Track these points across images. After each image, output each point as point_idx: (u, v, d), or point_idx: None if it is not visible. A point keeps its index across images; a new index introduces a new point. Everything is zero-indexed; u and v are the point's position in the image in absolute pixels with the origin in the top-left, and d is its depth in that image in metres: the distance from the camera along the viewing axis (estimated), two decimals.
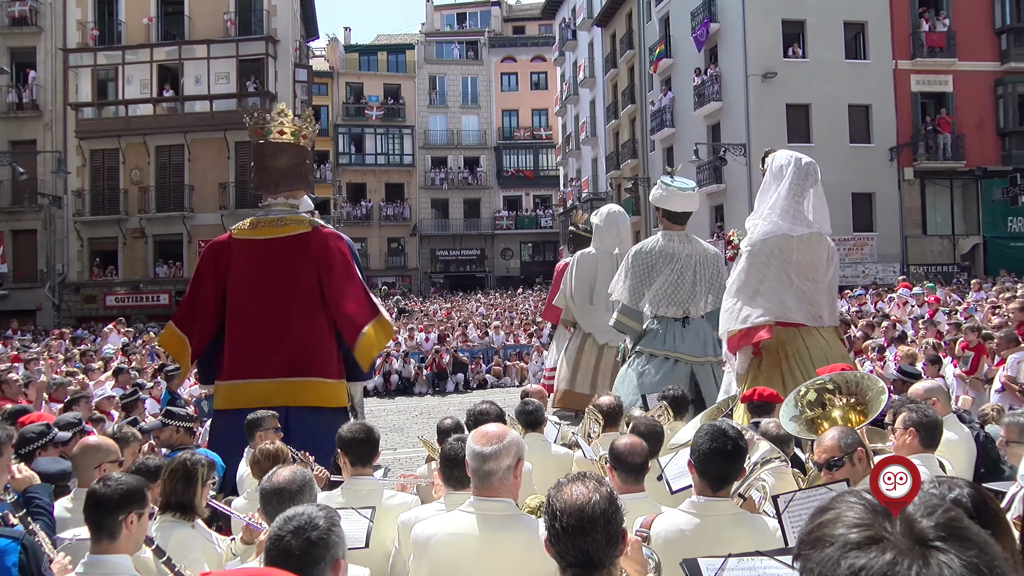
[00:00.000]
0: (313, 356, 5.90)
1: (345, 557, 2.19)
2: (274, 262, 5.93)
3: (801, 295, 5.78)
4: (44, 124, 30.09)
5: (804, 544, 1.11)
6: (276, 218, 6.04)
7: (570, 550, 2.04)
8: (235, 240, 6.05)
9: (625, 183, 35.16)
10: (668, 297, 7.73)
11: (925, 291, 16.90)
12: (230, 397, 5.89)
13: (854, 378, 3.85)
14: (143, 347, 16.48)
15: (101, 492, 2.78)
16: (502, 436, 2.76)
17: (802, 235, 5.76)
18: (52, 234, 30.03)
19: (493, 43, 49.48)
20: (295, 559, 2.05)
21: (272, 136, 6.10)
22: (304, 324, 5.88)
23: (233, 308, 5.97)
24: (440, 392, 17.61)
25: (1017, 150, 25.29)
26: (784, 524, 2.70)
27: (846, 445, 3.11)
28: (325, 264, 5.94)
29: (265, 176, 6.10)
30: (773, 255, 5.77)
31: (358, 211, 45.49)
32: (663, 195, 7.88)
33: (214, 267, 6.03)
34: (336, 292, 5.92)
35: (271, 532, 2.18)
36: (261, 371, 5.82)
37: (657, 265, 7.77)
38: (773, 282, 5.74)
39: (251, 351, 5.87)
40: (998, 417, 5.34)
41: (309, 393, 5.84)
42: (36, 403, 8.43)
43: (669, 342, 7.60)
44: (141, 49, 30.16)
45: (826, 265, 5.88)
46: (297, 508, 2.20)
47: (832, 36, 25.58)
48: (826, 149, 24.74)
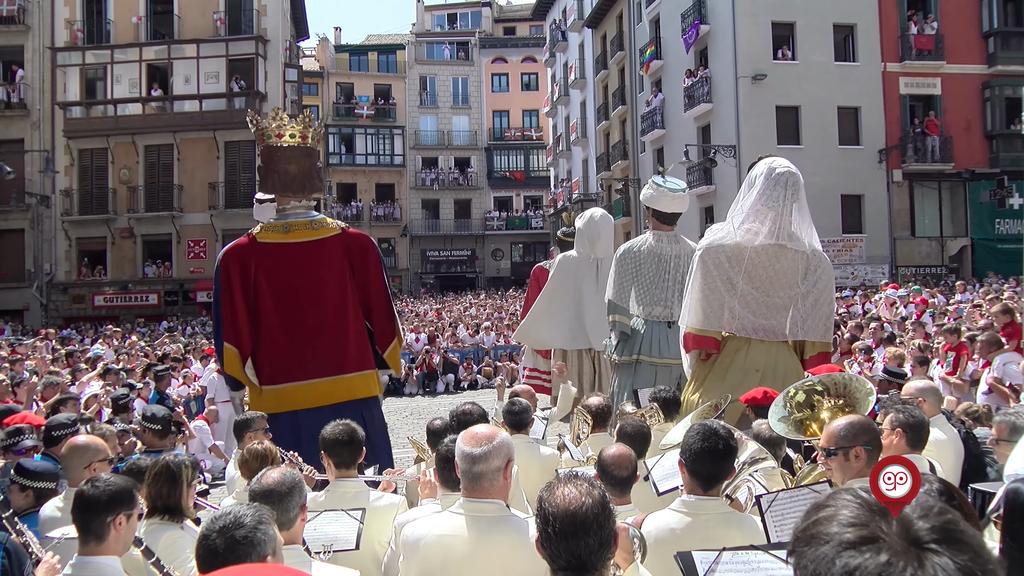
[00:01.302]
0: (356, 351, 6.08)
1: (276, 555, 2.20)
2: (310, 263, 6.00)
3: (746, 304, 5.60)
4: (32, 123, 29.93)
5: (799, 541, 1.11)
6: (307, 221, 6.11)
7: (562, 554, 2.04)
8: (261, 244, 6.03)
9: (616, 184, 35.22)
10: (655, 297, 7.69)
11: (911, 292, 17.00)
12: (281, 400, 5.90)
13: (843, 379, 3.87)
14: (131, 348, 16.40)
15: (89, 493, 2.77)
16: (492, 437, 2.77)
17: (759, 246, 5.55)
18: (40, 233, 29.87)
19: (484, 44, 49.47)
20: (219, 557, 2.07)
21: (295, 140, 6.14)
22: (343, 321, 6.04)
23: (269, 311, 5.98)
24: (430, 393, 17.60)
25: (1004, 152, 25.47)
26: (767, 523, 2.71)
27: (840, 438, 3.01)
28: (362, 267, 6.15)
29: (288, 180, 6.12)
30: (718, 263, 5.64)
31: (348, 211, 45.36)
32: (653, 195, 7.84)
33: (241, 272, 5.99)
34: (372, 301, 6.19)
35: (200, 531, 2.22)
36: (313, 371, 5.92)
37: (645, 264, 7.74)
38: (719, 290, 5.63)
39: (297, 352, 5.93)
40: (988, 416, 5.38)
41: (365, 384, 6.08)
42: (27, 404, 8.38)
43: (655, 348, 7.54)
44: (130, 48, 30.04)
45: (800, 279, 5.64)
46: (226, 507, 2.24)
47: (821, 38, 25.71)
48: (815, 151, 24.89)
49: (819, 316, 5.71)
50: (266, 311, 5.95)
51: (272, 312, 5.95)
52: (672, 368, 7.37)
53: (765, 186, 5.62)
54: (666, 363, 7.44)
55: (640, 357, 7.54)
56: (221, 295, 6.00)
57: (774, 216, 5.57)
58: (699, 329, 5.72)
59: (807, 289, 5.65)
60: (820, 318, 5.71)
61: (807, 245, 5.68)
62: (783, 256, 5.61)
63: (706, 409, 4.58)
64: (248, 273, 5.94)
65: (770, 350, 5.69)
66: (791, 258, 5.62)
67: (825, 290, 5.73)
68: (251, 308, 5.95)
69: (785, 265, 5.62)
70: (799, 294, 5.65)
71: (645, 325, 7.66)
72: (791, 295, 5.65)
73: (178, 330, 23.82)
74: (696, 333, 5.74)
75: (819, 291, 5.69)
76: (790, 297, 5.66)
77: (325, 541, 3.14)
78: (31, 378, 9.64)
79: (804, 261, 5.65)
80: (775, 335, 5.70)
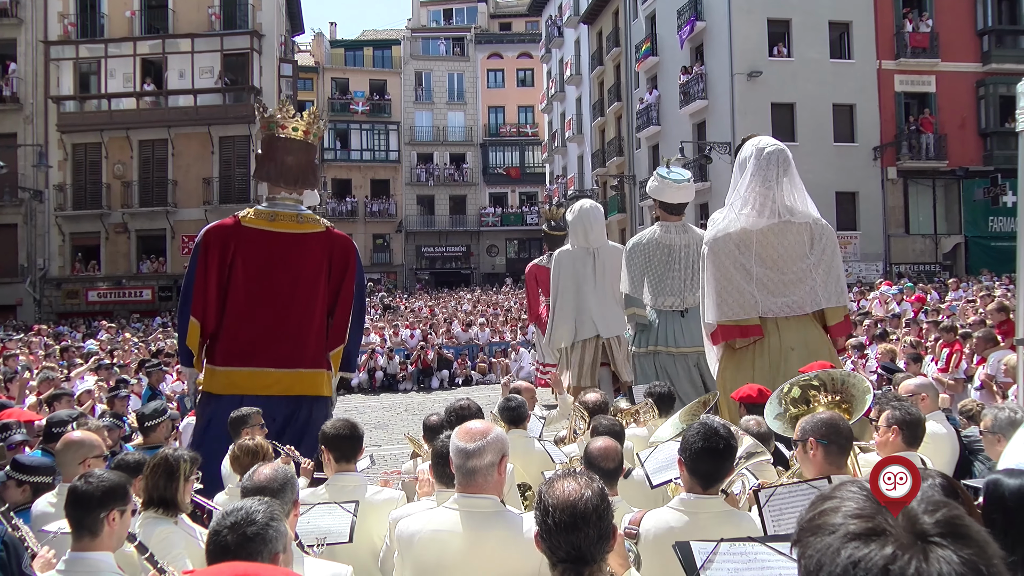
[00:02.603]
0: (317, 348, 6.14)
1: (287, 551, 2.20)
2: (289, 255, 6.08)
3: (763, 286, 5.68)
4: (25, 117, 29.76)
5: (804, 531, 1.11)
6: (294, 213, 6.19)
7: (562, 545, 2.05)
8: (244, 227, 6.10)
9: (611, 180, 35.23)
10: (667, 287, 7.77)
11: (905, 290, 17.07)
12: (231, 383, 5.97)
13: (839, 376, 3.87)
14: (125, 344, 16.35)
15: (83, 489, 2.76)
16: (486, 433, 2.77)
17: (764, 227, 5.63)
18: (33, 228, 29.73)
19: (479, 39, 49.39)
20: (231, 554, 2.06)
21: (298, 134, 6.22)
22: (309, 317, 6.11)
23: (243, 294, 6.05)
24: (425, 389, 17.60)
25: (998, 150, 25.53)
26: (765, 517, 2.70)
27: (800, 430, 3.11)
28: (339, 269, 6.21)
29: (285, 170, 6.22)
30: (728, 252, 5.71)
31: (343, 207, 45.31)
32: (658, 187, 7.95)
33: (220, 252, 6.05)
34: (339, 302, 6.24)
35: (211, 526, 2.19)
36: (269, 360, 5.99)
37: (655, 256, 7.83)
38: (736, 279, 5.70)
39: (257, 339, 6.00)
40: (979, 412, 5.40)
41: (315, 382, 6.11)
42: (19, 399, 8.36)
43: (671, 337, 7.65)
44: (124, 42, 29.87)
45: (807, 250, 5.72)
46: (238, 502, 2.21)
47: (817, 36, 25.76)
48: (810, 148, 24.93)
49: (832, 281, 5.79)
50: (236, 294, 6.02)
51: (242, 296, 6.02)
52: (688, 356, 7.51)
53: (756, 167, 5.69)
54: (682, 352, 7.55)
55: (658, 348, 7.64)
56: (196, 270, 6.05)
57: (771, 195, 5.64)
58: (729, 320, 5.71)
59: (817, 258, 5.73)
60: (833, 282, 5.79)
61: (808, 215, 5.74)
62: (788, 231, 5.68)
63: (695, 406, 4.59)
64: (227, 253, 6.02)
65: (799, 326, 5.74)
66: (796, 231, 5.69)
67: (834, 255, 5.82)
68: (222, 288, 6.02)
69: (792, 239, 5.69)
70: (811, 264, 5.72)
71: (659, 316, 7.74)
72: (804, 267, 5.72)
73: (172, 326, 23.76)
74: (731, 324, 5.71)
75: (829, 257, 5.77)
76: (803, 269, 5.72)
77: (318, 534, 3.13)
78: (23, 373, 9.61)
79: (808, 231, 5.72)
80: (799, 309, 5.75)
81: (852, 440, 3.20)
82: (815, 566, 1.06)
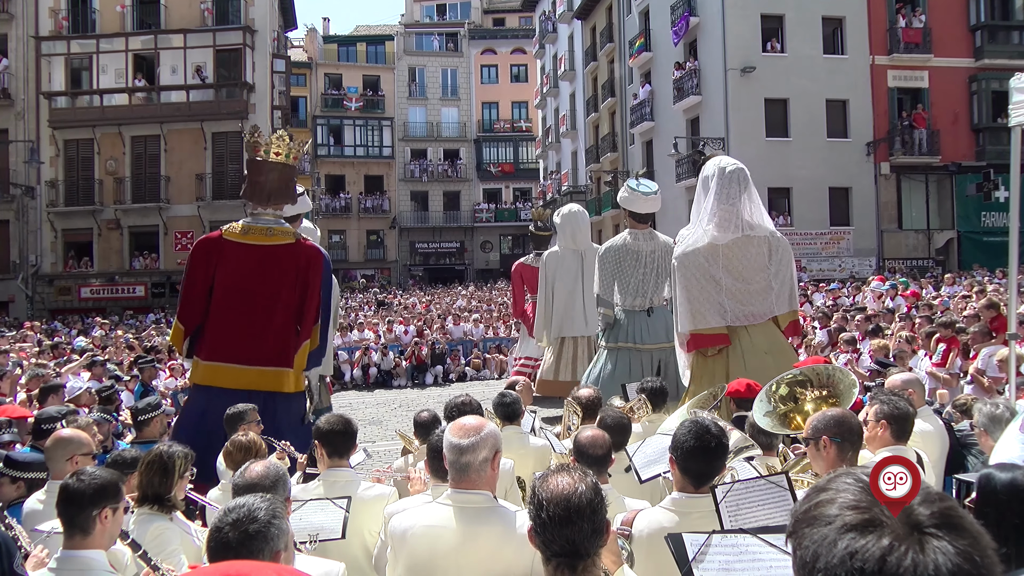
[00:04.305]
0: (280, 347, 6.74)
1: (288, 549, 2.19)
2: (262, 265, 6.75)
3: (732, 296, 6.26)
4: (16, 113, 29.60)
5: (799, 522, 1.11)
6: (265, 227, 6.87)
7: (556, 539, 2.06)
8: (226, 240, 6.82)
9: (605, 176, 35.22)
10: (635, 289, 8.57)
11: (898, 285, 17.11)
12: (214, 375, 6.64)
13: (826, 371, 3.90)
14: (115, 341, 16.30)
15: (74, 487, 2.75)
16: (479, 428, 2.77)
17: (729, 241, 6.19)
18: (25, 225, 29.60)
19: (473, 35, 49.29)
20: (232, 551, 2.05)
21: (271, 157, 6.85)
22: (282, 321, 6.76)
23: (221, 299, 6.72)
24: (419, 385, 17.58)
25: (991, 146, 25.62)
26: (721, 512, 2.67)
27: (812, 429, 3.18)
28: (304, 277, 6.86)
29: (258, 189, 6.89)
30: (698, 266, 6.28)
31: (337, 203, 45.23)
32: (628, 197, 8.77)
33: (205, 261, 6.77)
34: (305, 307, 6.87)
35: (212, 523, 2.18)
36: (246, 358, 6.61)
37: (625, 260, 8.62)
38: (707, 289, 6.28)
39: (237, 338, 6.63)
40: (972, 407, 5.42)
41: (278, 380, 6.68)
42: (10, 395, 8.33)
43: (636, 335, 8.42)
44: (116, 38, 29.73)
45: (767, 261, 6.29)
46: (240, 499, 2.20)
47: (810, 31, 25.79)
48: (803, 143, 24.99)
49: (785, 289, 6.42)
50: (216, 299, 6.73)
51: (221, 301, 6.72)
52: (653, 352, 8.37)
53: (720, 185, 6.27)
54: (647, 348, 8.40)
55: (625, 344, 8.43)
56: (186, 278, 6.86)
57: (735, 210, 6.24)
58: (702, 329, 6.29)
59: (775, 269, 6.36)
60: (786, 291, 6.44)
61: (766, 229, 6.35)
62: (750, 245, 6.30)
63: (704, 397, 4.62)
64: (210, 264, 6.75)
65: (765, 331, 6.31)
66: (757, 244, 6.31)
67: (787, 265, 6.47)
68: (207, 293, 6.76)
69: (753, 252, 6.30)
70: (771, 274, 6.34)
71: (626, 315, 8.56)
72: (765, 277, 6.33)
73: (165, 322, 23.68)
74: (700, 333, 6.29)
75: (784, 267, 6.41)
76: (765, 279, 6.34)
77: (311, 531, 3.12)
78: (15, 370, 9.58)
79: (766, 244, 6.35)
80: (762, 317, 6.33)
81: (863, 436, 3.29)
82: (811, 557, 1.06)
